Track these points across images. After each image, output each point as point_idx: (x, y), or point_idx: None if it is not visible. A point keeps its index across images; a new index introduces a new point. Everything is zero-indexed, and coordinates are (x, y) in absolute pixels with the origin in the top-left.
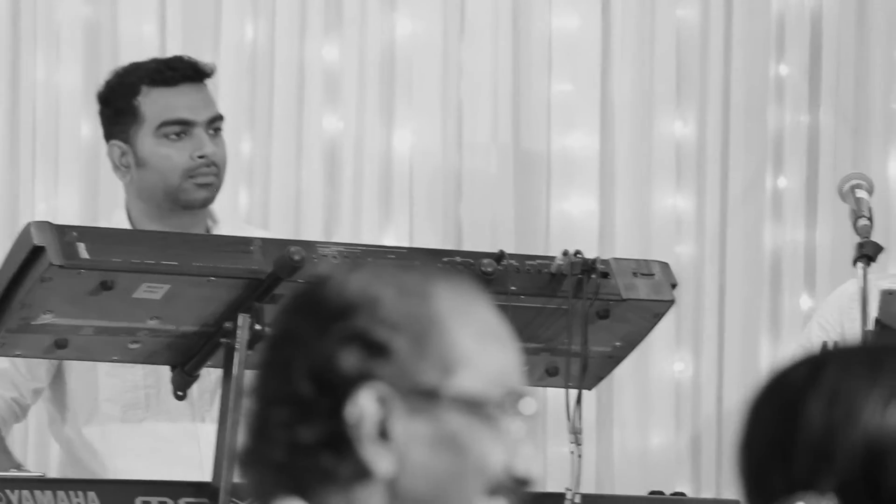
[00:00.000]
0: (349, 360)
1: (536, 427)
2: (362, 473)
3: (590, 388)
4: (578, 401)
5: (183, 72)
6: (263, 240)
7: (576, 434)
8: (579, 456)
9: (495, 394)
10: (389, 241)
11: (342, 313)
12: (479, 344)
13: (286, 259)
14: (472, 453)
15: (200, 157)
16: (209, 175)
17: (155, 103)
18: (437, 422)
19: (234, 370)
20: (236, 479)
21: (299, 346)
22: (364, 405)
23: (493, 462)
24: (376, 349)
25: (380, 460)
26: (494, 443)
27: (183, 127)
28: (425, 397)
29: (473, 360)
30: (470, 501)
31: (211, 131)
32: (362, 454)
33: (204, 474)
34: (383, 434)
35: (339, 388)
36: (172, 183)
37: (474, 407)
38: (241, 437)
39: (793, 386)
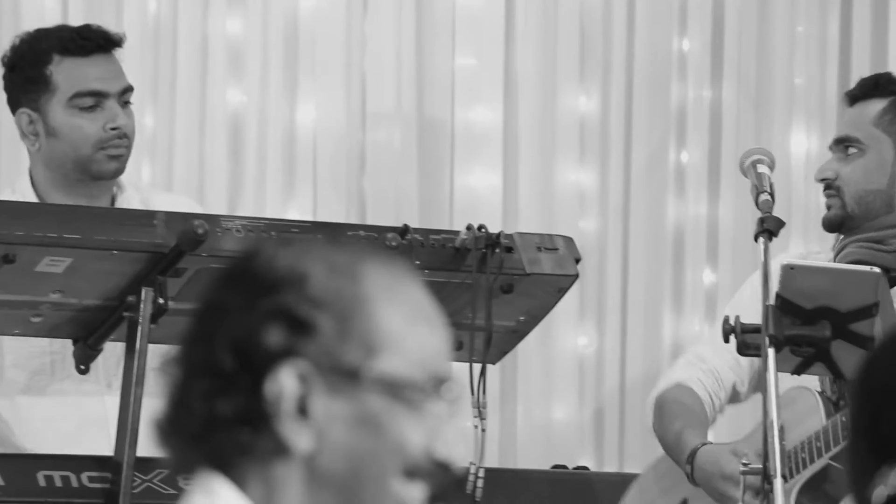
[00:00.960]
0: (273, 335)
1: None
2: (280, 450)
3: (494, 363)
4: (482, 375)
5: (96, 41)
6: (167, 213)
7: (479, 408)
8: (483, 430)
9: (419, 377)
10: (293, 214)
11: (269, 288)
12: (406, 326)
13: (189, 232)
14: (392, 435)
15: (113, 128)
16: (121, 147)
17: (68, 73)
18: (357, 402)
19: (137, 344)
20: (138, 453)
21: (224, 318)
22: (284, 382)
23: (412, 445)
24: (301, 326)
25: (298, 437)
26: (415, 426)
27: (96, 98)
28: (347, 377)
29: (399, 343)
30: (387, 483)
31: (122, 103)
32: (281, 431)
33: (111, 445)
34: (303, 411)
35: (261, 364)
36: (84, 154)
37: (396, 389)
38: (150, 410)
39: None
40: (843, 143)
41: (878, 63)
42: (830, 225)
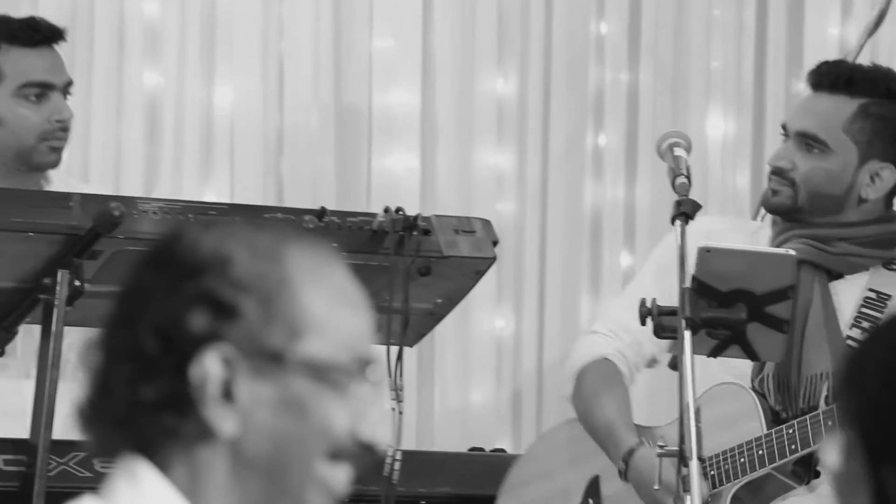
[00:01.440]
0: (197, 319)
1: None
2: (205, 434)
3: (411, 345)
4: (399, 357)
5: (44, 33)
6: (83, 195)
7: (397, 391)
8: (400, 412)
9: (343, 360)
10: (210, 196)
11: (193, 272)
12: (330, 309)
13: (106, 214)
14: (316, 418)
15: (58, 121)
16: (63, 139)
17: (16, 63)
18: (282, 385)
19: (53, 326)
20: (54, 436)
21: (148, 302)
22: (209, 366)
23: (336, 427)
24: (225, 310)
25: (223, 421)
26: (340, 408)
27: (42, 89)
28: (271, 360)
29: (323, 325)
30: (312, 465)
31: (64, 95)
32: (205, 415)
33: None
34: (228, 395)
35: (185, 348)
36: (27, 144)
37: (321, 372)
38: (69, 394)
39: None
40: (806, 139)
41: (794, 47)
42: (775, 211)
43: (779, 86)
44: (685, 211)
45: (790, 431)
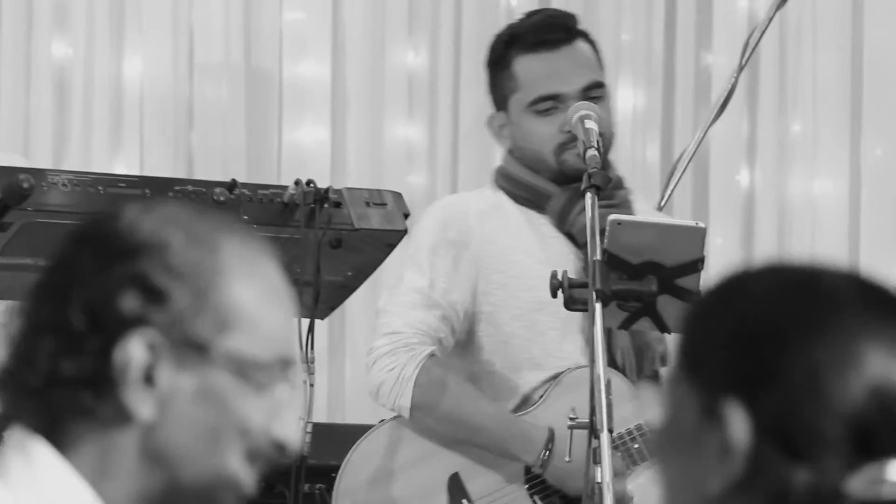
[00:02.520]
0: (127, 302)
1: None
2: (121, 417)
3: (322, 318)
4: (310, 330)
5: None
6: None
7: (308, 363)
8: (311, 385)
9: (267, 358)
10: (120, 168)
11: (129, 254)
12: (259, 305)
13: (15, 186)
14: (234, 413)
15: None
16: None
17: None
18: (203, 377)
19: None
20: None
21: (80, 278)
22: (133, 349)
23: (252, 425)
24: (156, 295)
25: (141, 406)
26: (257, 406)
27: None
28: (196, 351)
29: (251, 321)
30: (225, 460)
31: None
32: (124, 398)
33: None
34: (149, 380)
35: (112, 328)
36: None
37: (243, 368)
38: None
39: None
40: (589, 90)
41: (704, 20)
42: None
43: (688, 58)
44: (596, 183)
45: None
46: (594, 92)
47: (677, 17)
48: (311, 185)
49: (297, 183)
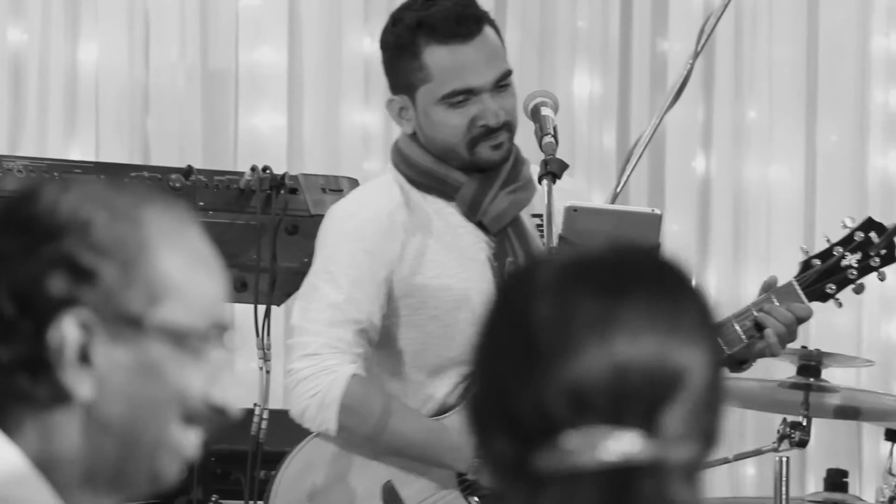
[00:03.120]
0: (55, 283)
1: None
2: (60, 397)
3: (278, 304)
4: (267, 316)
5: None
6: None
7: (264, 350)
8: (267, 371)
9: (201, 325)
10: (76, 155)
11: (52, 235)
12: (188, 273)
13: None
14: (172, 382)
15: None
16: None
17: None
18: (139, 350)
19: None
20: None
21: (4, 264)
22: (66, 330)
23: (192, 392)
24: (83, 274)
25: (79, 385)
26: (195, 373)
27: None
28: (129, 325)
29: (181, 291)
30: (166, 429)
31: None
32: (61, 378)
33: None
34: (84, 359)
35: (42, 311)
36: None
37: (178, 337)
38: None
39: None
40: (500, 80)
41: (660, 7)
42: (504, 162)
43: (644, 45)
44: (552, 170)
45: None
46: (504, 81)
47: (633, 3)
48: (268, 171)
49: (254, 169)
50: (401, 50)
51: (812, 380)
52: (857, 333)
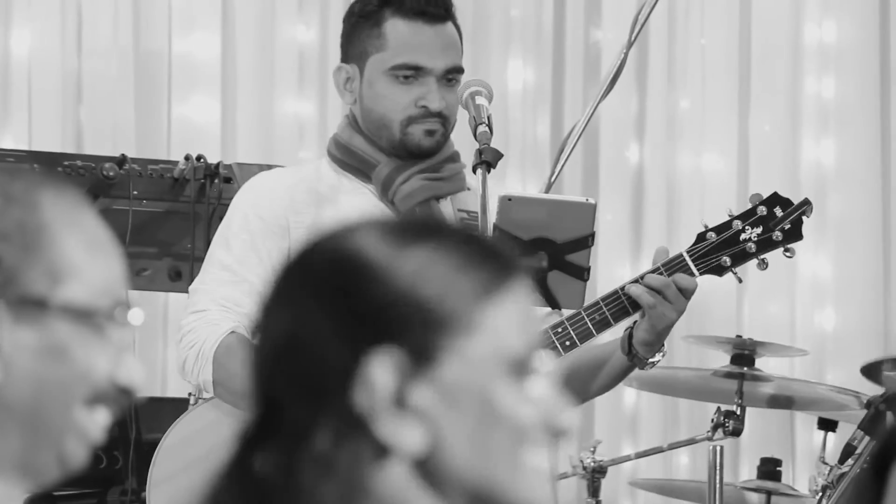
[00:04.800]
0: None
1: (157, 331)
2: None
3: None
4: None
5: None
6: None
7: None
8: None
9: (102, 304)
10: (8, 143)
11: None
12: (87, 254)
13: None
14: (78, 363)
15: None
16: None
17: None
18: (44, 331)
19: None
20: None
21: None
22: None
23: (97, 372)
24: None
25: None
26: (100, 353)
27: None
28: (34, 307)
29: (82, 270)
30: (72, 411)
31: None
32: None
33: None
34: None
35: None
36: None
37: (81, 317)
38: None
39: None
40: (454, 73)
41: None
42: (432, 151)
43: (578, 35)
44: (487, 160)
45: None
46: (454, 76)
47: None
48: (202, 160)
49: (188, 158)
50: (364, 18)
51: (746, 369)
52: (791, 323)
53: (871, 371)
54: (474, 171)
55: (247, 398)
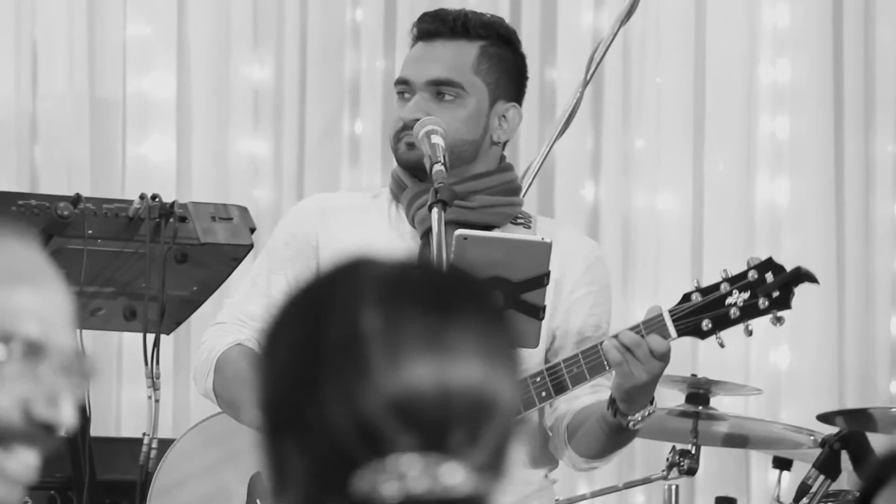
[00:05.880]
0: None
1: (112, 371)
2: None
3: (168, 333)
4: (156, 345)
5: None
6: None
7: (153, 379)
8: (156, 401)
9: (13, 337)
10: None
11: None
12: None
13: None
14: None
15: None
16: None
17: None
18: None
19: None
20: None
21: None
22: None
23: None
24: None
25: None
26: (3, 390)
27: None
28: None
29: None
30: None
31: None
32: None
33: None
34: None
35: None
36: None
37: None
38: None
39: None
40: (440, 86)
41: (548, 35)
42: (416, 166)
43: (533, 73)
44: (443, 198)
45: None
46: (445, 90)
47: (521, 31)
48: (157, 199)
49: (143, 197)
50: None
51: (701, 408)
52: (745, 362)
53: (827, 419)
54: (429, 209)
55: (241, 407)
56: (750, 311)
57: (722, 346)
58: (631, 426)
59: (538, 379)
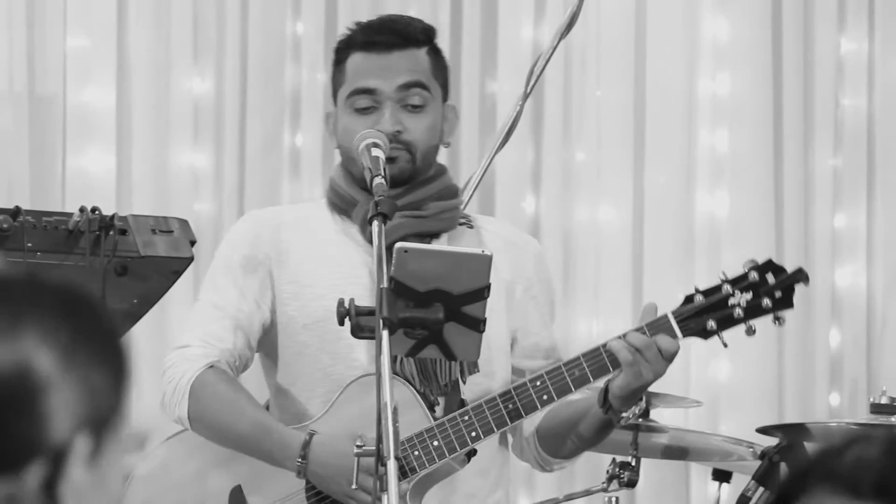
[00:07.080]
0: None
1: None
2: None
3: None
4: None
5: None
6: None
7: None
8: None
9: None
10: None
11: None
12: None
13: None
14: None
15: None
16: None
17: None
18: None
19: None
20: None
21: None
22: None
23: None
24: None
25: None
26: None
27: None
28: None
29: None
30: None
31: None
32: None
33: None
34: None
35: None
36: None
37: None
38: None
39: None
40: (410, 88)
41: (488, 48)
42: (396, 180)
43: (473, 86)
44: (383, 211)
45: (466, 419)
46: (415, 92)
47: (462, 43)
48: (96, 212)
49: (82, 210)
50: (335, 61)
51: (641, 420)
52: (686, 374)
53: (767, 432)
54: (370, 223)
55: (222, 432)
56: (754, 311)
57: (725, 345)
58: (622, 423)
59: (538, 383)
